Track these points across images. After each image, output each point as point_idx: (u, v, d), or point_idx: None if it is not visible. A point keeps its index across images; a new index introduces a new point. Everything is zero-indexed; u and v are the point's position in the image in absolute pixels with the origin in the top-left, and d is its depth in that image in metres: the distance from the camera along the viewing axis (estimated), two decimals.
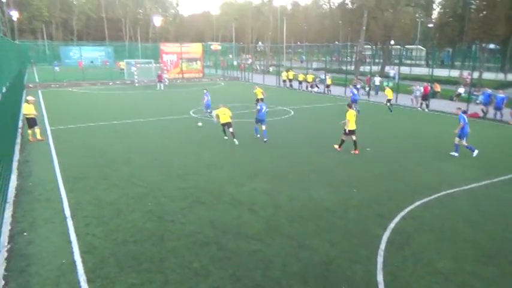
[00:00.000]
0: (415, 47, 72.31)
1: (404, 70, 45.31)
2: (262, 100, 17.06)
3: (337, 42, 65.07)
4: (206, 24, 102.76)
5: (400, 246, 6.88)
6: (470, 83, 24.54)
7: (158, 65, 39.78)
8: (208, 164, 11.46)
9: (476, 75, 30.31)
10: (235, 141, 13.58)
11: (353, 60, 50.88)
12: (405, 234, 7.31)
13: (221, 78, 43.40)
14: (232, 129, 13.71)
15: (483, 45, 42.01)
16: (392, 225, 7.64)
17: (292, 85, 33.41)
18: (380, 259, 6.45)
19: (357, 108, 21.55)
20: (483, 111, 19.59)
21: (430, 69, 27.49)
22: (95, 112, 20.75)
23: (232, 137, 13.74)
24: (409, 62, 64.62)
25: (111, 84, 35.90)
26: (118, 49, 69.26)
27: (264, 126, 13.99)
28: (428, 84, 23.79)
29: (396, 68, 37.96)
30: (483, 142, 14.04)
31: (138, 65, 38.50)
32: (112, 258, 6.43)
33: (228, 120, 13.71)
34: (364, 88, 28.72)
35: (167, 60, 39.82)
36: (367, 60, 55.34)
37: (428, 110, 22.00)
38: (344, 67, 40.47)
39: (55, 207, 8.39)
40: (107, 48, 65.24)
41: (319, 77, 32.81)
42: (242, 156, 12.24)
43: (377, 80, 29.43)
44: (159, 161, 11.77)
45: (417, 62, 67.90)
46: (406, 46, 68.31)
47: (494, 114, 18.86)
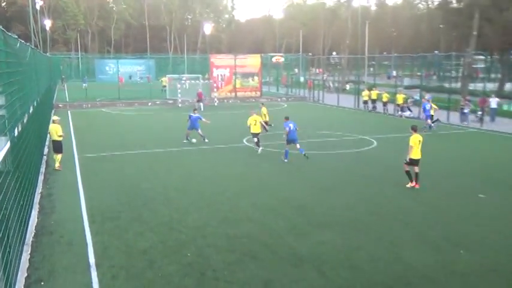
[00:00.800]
0: None
1: None
2: (267, 124, 20.78)
3: (437, 52, 63.46)
4: (267, 31, 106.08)
5: None
6: None
7: (206, 81, 41.69)
8: (264, 206, 11.51)
9: None
10: (259, 150, 17.76)
11: (459, 75, 49.03)
12: None
13: (283, 98, 44.15)
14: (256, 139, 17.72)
15: None
16: None
17: (375, 107, 32.96)
18: None
19: (430, 125, 23.26)
20: None
21: None
22: (131, 138, 22.02)
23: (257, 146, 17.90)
24: None
25: (150, 104, 38.13)
26: (160, 62, 73.93)
27: (298, 145, 16.60)
28: None
29: None
30: None
31: (186, 81, 40.54)
32: None
33: (259, 131, 17.84)
34: (476, 112, 27.45)
35: (218, 75, 41.61)
36: (479, 75, 53.06)
37: None
38: (447, 84, 39.10)
39: (78, 253, 8.87)
40: (147, 61, 69.63)
41: (412, 98, 32.05)
42: (307, 198, 12.15)
43: (493, 101, 28.05)
44: (205, 201, 12.06)
45: None
46: None
47: None
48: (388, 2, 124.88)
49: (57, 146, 15.65)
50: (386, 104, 31.29)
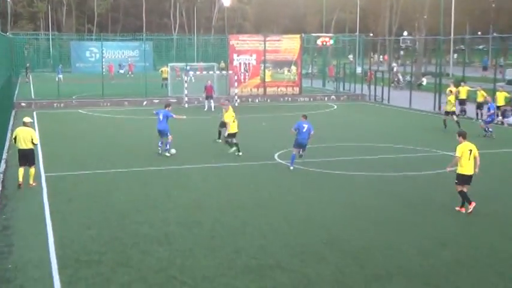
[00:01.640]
0: None
1: None
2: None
3: None
4: (309, 2, 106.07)
5: None
6: None
7: (223, 72, 41.88)
8: (302, 248, 11.46)
9: None
10: (240, 153, 20.47)
11: None
12: None
13: (332, 96, 44.09)
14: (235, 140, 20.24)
15: None
16: None
17: (465, 111, 32.45)
18: None
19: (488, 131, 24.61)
20: None
21: None
22: (120, 150, 22.32)
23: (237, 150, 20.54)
24: None
25: (145, 104, 38.62)
26: (160, 46, 74.65)
27: (304, 151, 19.23)
28: None
29: None
30: None
31: (196, 72, 40.83)
32: None
33: (236, 131, 20.50)
34: None
35: (239, 64, 41.77)
36: None
37: None
38: None
39: None
40: (142, 44, 70.26)
41: None
42: (363, 237, 12.09)
43: None
44: (218, 240, 12.09)
45: None
46: None
47: None
48: None
49: (29, 156, 16.14)
50: (481, 106, 30.80)
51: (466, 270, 10.61)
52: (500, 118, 29.84)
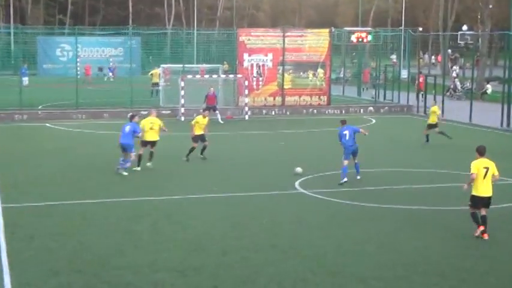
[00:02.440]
0: None
1: None
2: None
3: None
4: None
5: None
6: None
7: (231, 76, 41.82)
8: None
9: None
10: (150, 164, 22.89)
11: None
12: None
13: (370, 107, 44.11)
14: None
15: None
16: None
17: None
18: None
19: None
20: None
21: None
22: (96, 175, 22.40)
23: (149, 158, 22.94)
24: None
25: (130, 115, 38.60)
26: (151, 42, 74.84)
27: (356, 158, 21.18)
28: None
29: None
30: None
31: (196, 76, 40.87)
32: None
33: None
34: None
35: (251, 65, 41.77)
36: None
37: None
38: None
39: None
40: (127, 40, 70.39)
41: None
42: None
43: None
44: None
45: None
46: None
47: None
48: None
49: None
50: None
51: None
52: None
